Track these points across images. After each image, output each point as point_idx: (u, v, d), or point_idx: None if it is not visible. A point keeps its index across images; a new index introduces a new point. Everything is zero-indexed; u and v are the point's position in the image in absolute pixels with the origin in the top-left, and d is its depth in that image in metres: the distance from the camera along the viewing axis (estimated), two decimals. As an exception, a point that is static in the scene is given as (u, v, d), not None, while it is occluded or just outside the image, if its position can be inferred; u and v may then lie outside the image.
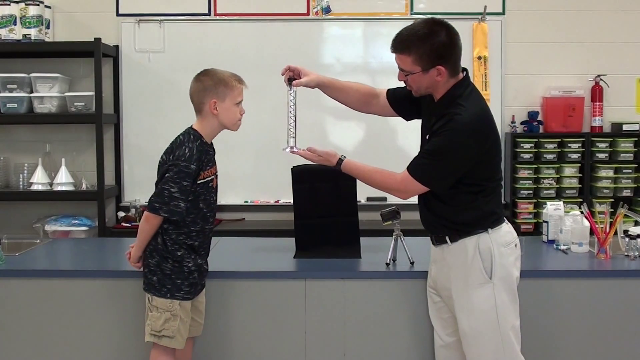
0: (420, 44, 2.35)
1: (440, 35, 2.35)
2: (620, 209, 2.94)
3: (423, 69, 2.37)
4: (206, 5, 4.68)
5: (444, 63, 2.36)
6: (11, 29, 4.41)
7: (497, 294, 2.41)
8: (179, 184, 2.47)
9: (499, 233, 2.44)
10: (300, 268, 2.96)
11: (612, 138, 4.63)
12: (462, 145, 2.34)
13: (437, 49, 2.34)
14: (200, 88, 2.55)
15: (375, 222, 3.12)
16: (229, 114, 2.57)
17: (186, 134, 2.55)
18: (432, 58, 2.35)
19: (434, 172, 2.41)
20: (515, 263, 2.48)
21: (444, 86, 2.42)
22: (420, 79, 2.41)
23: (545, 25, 4.69)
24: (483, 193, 2.43)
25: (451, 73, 2.40)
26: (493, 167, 2.46)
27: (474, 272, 2.42)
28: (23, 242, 3.34)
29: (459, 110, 2.36)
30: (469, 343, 2.46)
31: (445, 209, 2.46)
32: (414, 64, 2.38)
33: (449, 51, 2.37)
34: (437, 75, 2.38)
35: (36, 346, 2.86)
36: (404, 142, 4.62)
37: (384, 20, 4.64)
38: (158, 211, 2.48)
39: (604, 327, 2.80)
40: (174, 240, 2.54)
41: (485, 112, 2.43)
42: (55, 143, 4.66)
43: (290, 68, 2.69)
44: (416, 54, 2.36)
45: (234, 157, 4.63)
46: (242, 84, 2.61)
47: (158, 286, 2.55)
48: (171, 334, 2.53)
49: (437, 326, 2.63)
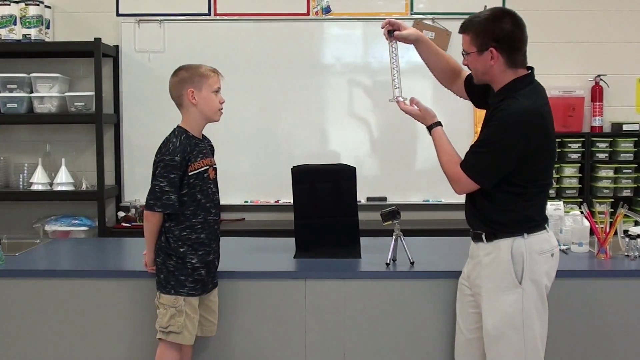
0: (478, 25, 2.39)
1: (501, 20, 2.37)
2: (620, 209, 2.94)
3: (478, 50, 2.38)
4: (206, 5, 4.68)
5: (498, 47, 2.35)
6: (11, 29, 4.41)
7: (525, 299, 2.38)
8: (166, 177, 2.53)
9: (536, 240, 2.40)
10: (300, 268, 2.96)
11: (612, 138, 4.63)
12: (506, 138, 2.32)
13: (494, 31, 2.35)
14: (177, 81, 2.63)
15: (375, 222, 3.12)
16: (207, 102, 2.62)
17: (172, 132, 2.63)
18: (487, 39, 2.36)
19: (477, 164, 2.39)
20: (548, 272, 2.44)
21: (502, 76, 2.40)
22: (475, 60, 2.41)
23: (545, 25, 4.69)
24: (524, 197, 2.39)
25: (508, 62, 2.38)
26: (538, 171, 2.40)
27: (504, 274, 2.40)
28: (23, 242, 3.34)
29: (510, 102, 2.34)
30: (490, 343, 2.45)
31: (486, 205, 2.44)
32: (471, 43, 2.40)
33: (507, 37, 2.36)
34: (490, 59, 2.36)
35: (36, 346, 2.86)
36: (404, 142, 4.62)
37: (384, 21, 4.63)
38: (153, 207, 2.55)
39: (604, 327, 2.79)
40: (177, 237, 2.58)
41: (538, 111, 2.36)
42: (55, 143, 4.67)
43: (390, 22, 2.68)
44: (474, 33, 2.39)
45: (234, 157, 4.63)
46: (217, 73, 2.67)
47: (164, 283, 2.60)
48: (177, 330, 2.57)
49: (460, 320, 2.62)
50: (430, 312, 2.80)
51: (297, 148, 4.68)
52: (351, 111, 4.69)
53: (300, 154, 4.55)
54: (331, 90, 4.68)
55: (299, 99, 4.68)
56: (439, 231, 4.15)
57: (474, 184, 2.42)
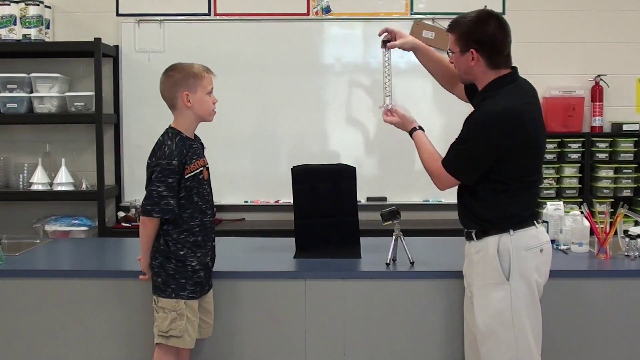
0: (462, 26, 2.46)
1: (485, 23, 2.42)
2: (620, 209, 2.94)
3: (460, 50, 2.45)
4: (206, 5, 4.68)
5: (479, 49, 2.41)
6: (11, 29, 4.41)
7: (513, 296, 2.40)
8: (164, 182, 2.50)
9: (522, 236, 2.42)
10: (300, 268, 2.96)
11: (612, 138, 4.63)
12: (481, 135, 2.38)
13: (476, 33, 2.42)
14: (170, 83, 2.58)
15: (375, 222, 3.12)
16: (202, 104, 2.60)
17: (165, 134, 2.59)
18: (469, 41, 2.42)
19: (456, 160, 2.45)
20: (537, 268, 2.44)
21: (483, 76, 2.46)
22: (458, 60, 2.48)
23: (545, 25, 4.69)
24: (506, 193, 2.41)
25: (489, 64, 2.43)
26: (521, 168, 2.42)
27: (492, 271, 2.43)
28: (23, 242, 3.34)
29: (488, 102, 2.40)
30: (482, 340, 2.47)
31: (473, 203, 2.48)
32: (455, 43, 2.48)
33: (489, 40, 2.41)
34: (471, 59, 2.43)
35: (36, 346, 2.86)
36: (404, 142, 4.60)
37: (384, 20, 4.63)
38: (151, 213, 2.51)
39: (604, 327, 2.79)
40: (176, 240, 2.56)
41: (516, 109, 2.37)
42: (55, 143, 4.66)
43: (387, 30, 2.76)
44: (458, 33, 2.47)
45: (234, 157, 4.63)
46: (210, 73, 2.64)
47: (163, 287, 2.57)
48: (178, 334, 2.55)
49: (469, 321, 2.63)
50: (430, 312, 2.80)
51: (297, 148, 4.68)
52: (351, 111, 4.69)
53: (300, 154, 4.55)
54: (331, 90, 4.68)
55: (299, 99, 4.67)
56: (439, 231, 4.15)
57: (453, 180, 2.48)
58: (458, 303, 2.73)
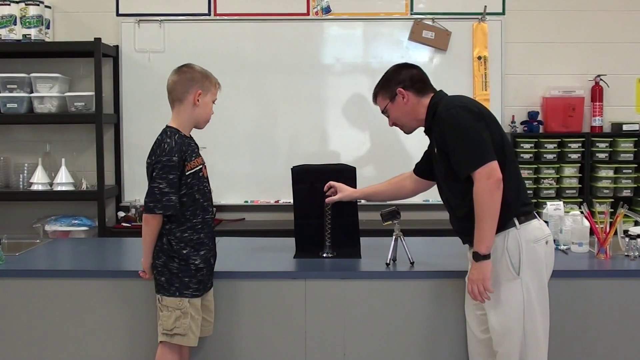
0: (379, 85, 2.69)
1: (396, 70, 2.66)
2: (620, 209, 2.94)
3: (390, 99, 2.63)
4: (206, 5, 4.68)
5: (404, 86, 2.60)
6: (11, 29, 4.42)
7: (525, 289, 2.44)
8: (165, 178, 2.51)
9: (528, 229, 2.46)
10: (300, 268, 2.96)
11: (612, 138, 4.63)
12: (464, 121, 2.42)
13: (394, 78, 2.63)
14: (187, 77, 2.62)
15: (375, 222, 3.12)
16: (206, 109, 2.66)
17: (163, 133, 2.61)
18: (392, 86, 2.62)
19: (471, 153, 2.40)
20: (545, 260, 2.49)
21: (419, 107, 2.61)
22: (395, 110, 2.64)
23: (545, 25, 4.69)
24: None
25: (417, 93, 2.60)
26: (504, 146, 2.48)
27: (502, 268, 2.45)
28: (23, 242, 3.34)
29: (441, 106, 2.53)
30: (498, 340, 2.50)
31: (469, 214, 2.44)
32: (382, 100, 2.66)
33: (406, 75, 2.61)
34: (402, 98, 2.60)
35: (36, 346, 2.86)
36: (404, 142, 4.61)
37: (384, 20, 4.64)
38: (153, 210, 2.53)
39: (604, 327, 2.79)
40: (179, 239, 2.58)
41: (464, 98, 2.57)
42: (55, 143, 4.67)
43: (330, 185, 2.99)
44: (380, 91, 2.67)
45: (233, 157, 4.63)
46: (220, 86, 2.73)
47: (167, 286, 2.59)
48: (183, 332, 2.57)
49: (471, 322, 2.65)
50: (430, 312, 2.80)
51: (297, 148, 4.68)
52: (351, 111, 4.68)
53: (300, 154, 4.55)
54: (331, 90, 4.68)
55: (299, 99, 4.67)
56: (439, 231, 4.13)
57: (491, 165, 2.38)
58: (458, 303, 2.73)
